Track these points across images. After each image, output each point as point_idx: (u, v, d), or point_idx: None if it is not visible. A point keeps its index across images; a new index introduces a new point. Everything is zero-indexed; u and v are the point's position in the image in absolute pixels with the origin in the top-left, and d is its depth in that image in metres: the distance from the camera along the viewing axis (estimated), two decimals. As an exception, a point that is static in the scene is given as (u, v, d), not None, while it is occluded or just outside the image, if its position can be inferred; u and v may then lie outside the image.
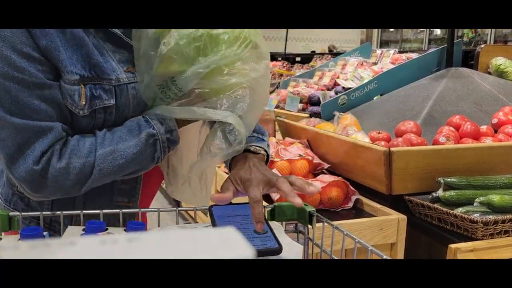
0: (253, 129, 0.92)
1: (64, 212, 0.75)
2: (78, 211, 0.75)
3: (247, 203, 0.76)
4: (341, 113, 2.09)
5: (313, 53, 6.92)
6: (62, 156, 0.83)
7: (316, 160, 1.71)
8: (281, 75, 4.15)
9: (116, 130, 0.89)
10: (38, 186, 0.83)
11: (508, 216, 1.30)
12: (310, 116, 2.64)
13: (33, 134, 0.82)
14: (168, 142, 0.89)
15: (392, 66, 2.85)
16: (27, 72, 0.80)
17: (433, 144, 1.71)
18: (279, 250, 0.67)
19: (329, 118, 2.34)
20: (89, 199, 0.94)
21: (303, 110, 2.90)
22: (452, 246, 1.26)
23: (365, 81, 2.73)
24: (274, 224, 0.78)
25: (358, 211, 1.55)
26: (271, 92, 2.33)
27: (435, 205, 1.40)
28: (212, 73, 0.82)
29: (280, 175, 1.46)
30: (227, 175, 0.86)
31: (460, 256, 1.24)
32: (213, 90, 0.84)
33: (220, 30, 0.82)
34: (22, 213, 0.73)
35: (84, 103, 0.86)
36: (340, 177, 1.59)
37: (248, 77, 0.84)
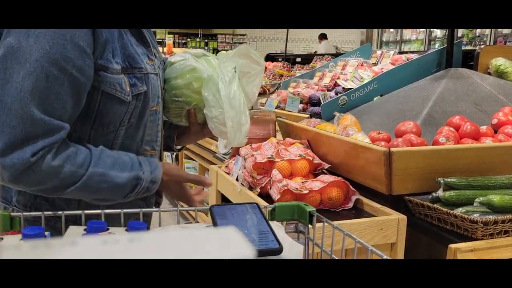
0: None
1: (66, 212, 0.75)
2: (80, 211, 0.75)
3: (248, 203, 0.76)
4: (341, 114, 2.09)
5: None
6: (57, 156, 0.87)
7: (317, 160, 1.71)
8: (282, 75, 4.14)
9: (111, 155, 0.96)
10: (24, 177, 0.86)
11: (508, 216, 1.30)
12: (311, 116, 2.64)
13: (45, 131, 0.85)
14: (146, 190, 0.99)
15: (392, 67, 2.85)
16: (72, 64, 0.86)
17: (433, 145, 1.71)
18: (279, 250, 0.67)
19: (329, 118, 2.34)
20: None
21: (304, 110, 2.90)
22: (452, 246, 1.26)
23: (365, 81, 2.74)
24: (274, 224, 0.78)
25: (358, 211, 1.55)
26: (271, 93, 2.34)
27: (435, 205, 1.40)
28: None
29: (281, 175, 1.52)
30: (227, 173, 0.88)
31: (460, 256, 1.24)
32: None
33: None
34: (24, 213, 0.73)
35: (129, 89, 0.94)
36: (340, 177, 1.59)
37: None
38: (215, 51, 13.91)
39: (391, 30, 11.00)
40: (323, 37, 10.77)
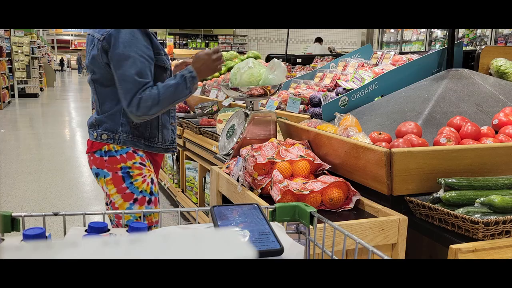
0: None
1: (67, 212, 0.75)
2: (81, 212, 0.76)
3: (249, 204, 0.76)
4: (342, 114, 2.09)
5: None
6: (147, 91, 1.76)
7: (317, 161, 1.71)
8: (282, 76, 4.14)
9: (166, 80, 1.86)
10: (144, 108, 1.74)
11: (509, 217, 1.30)
12: (311, 117, 2.64)
13: (141, 86, 1.77)
14: (192, 79, 1.84)
15: (392, 67, 2.85)
16: (148, 54, 1.80)
17: (433, 145, 1.71)
18: (280, 250, 0.67)
19: (330, 119, 2.34)
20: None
21: (304, 111, 2.90)
22: (453, 246, 1.26)
23: (366, 82, 2.74)
24: (275, 225, 0.78)
25: (359, 212, 1.55)
26: (272, 94, 2.36)
27: (436, 206, 1.40)
28: None
29: (282, 176, 1.54)
30: (228, 174, 0.88)
31: (461, 257, 1.24)
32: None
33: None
34: (25, 214, 0.73)
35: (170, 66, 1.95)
36: (341, 178, 1.59)
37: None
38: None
39: (392, 30, 11.00)
40: (317, 40, 11.11)
